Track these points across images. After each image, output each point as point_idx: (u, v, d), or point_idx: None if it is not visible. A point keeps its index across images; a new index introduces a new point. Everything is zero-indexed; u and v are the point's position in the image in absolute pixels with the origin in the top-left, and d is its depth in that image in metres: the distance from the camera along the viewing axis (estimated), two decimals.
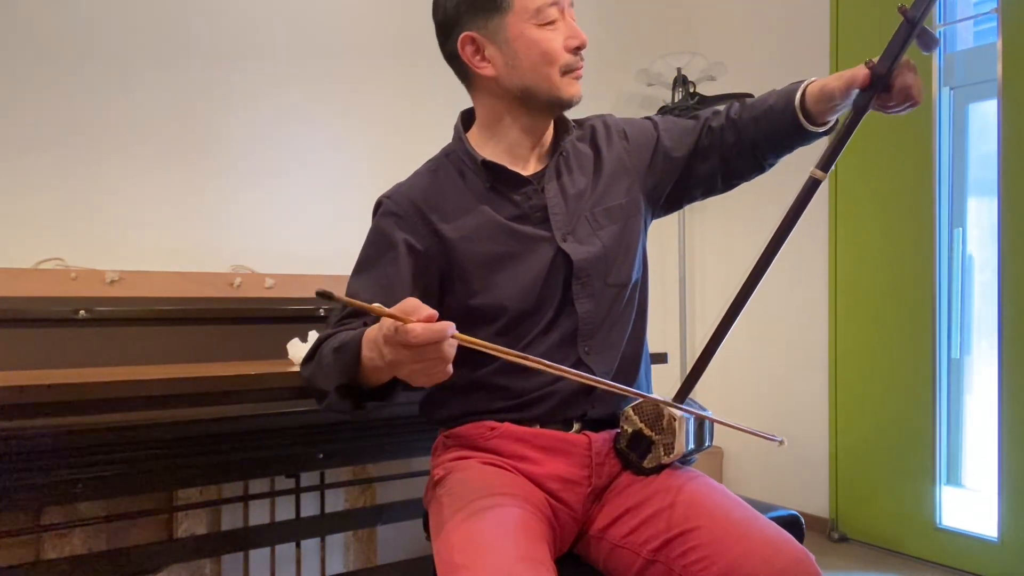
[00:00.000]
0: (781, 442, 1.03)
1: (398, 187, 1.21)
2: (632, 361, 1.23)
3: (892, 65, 1.06)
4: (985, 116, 2.56)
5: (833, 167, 1.11)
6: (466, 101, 1.24)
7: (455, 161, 1.21)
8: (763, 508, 1.14)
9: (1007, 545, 2.37)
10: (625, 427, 1.13)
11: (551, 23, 1.11)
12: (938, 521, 2.58)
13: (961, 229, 2.63)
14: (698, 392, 1.18)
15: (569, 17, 1.14)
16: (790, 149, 1.22)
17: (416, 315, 0.81)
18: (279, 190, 2.43)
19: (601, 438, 1.15)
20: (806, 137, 1.18)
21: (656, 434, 1.11)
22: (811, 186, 1.10)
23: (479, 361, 1.10)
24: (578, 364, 1.14)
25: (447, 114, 1.28)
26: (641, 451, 1.12)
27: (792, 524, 1.45)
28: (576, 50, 1.13)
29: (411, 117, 2.64)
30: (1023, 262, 2.34)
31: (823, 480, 2.92)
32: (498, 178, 1.17)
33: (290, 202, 2.44)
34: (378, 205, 1.20)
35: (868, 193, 2.78)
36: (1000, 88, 2.38)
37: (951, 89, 2.63)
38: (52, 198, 2.08)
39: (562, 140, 1.22)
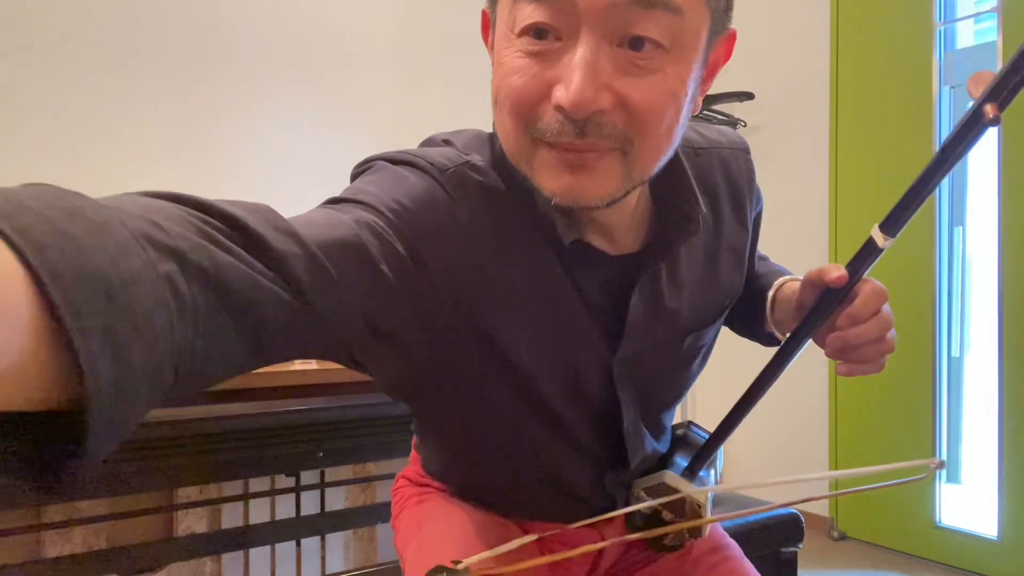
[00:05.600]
0: (941, 463, 0.64)
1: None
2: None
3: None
4: None
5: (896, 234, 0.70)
6: (466, 107, 1.19)
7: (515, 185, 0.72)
8: (763, 507, 1.14)
9: (1007, 544, 2.38)
10: (641, 509, 0.91)
11: (527, 40, 0.57)
12: (938, 520, 2.58)
13: (961, 228, 2.63)
14: (696, 394, 1.15)
15: (588, 48, 0.55)
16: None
17: None
18: (280, 189, 2.43)
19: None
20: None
21: (677, 517, 0.94)
22: (872, 248, 0.70)
23: (471, 468, 0.88)
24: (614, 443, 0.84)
25: (448, 116, 1.27)
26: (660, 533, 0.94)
27: (792, 523, 1.45)
28: (560, 109, 0.56)
29: (412, 119, 2.64)
30: (1023, 261, 2.34)
31: (823, 479, 2.93)
32: (577, 257, 0.69)
33: (291, 202, 2.44)
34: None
35: (868, 192, 2.77)
36: None
37: (951, 88, 2.62)
38: None
39: (681, 210, 0.71)
